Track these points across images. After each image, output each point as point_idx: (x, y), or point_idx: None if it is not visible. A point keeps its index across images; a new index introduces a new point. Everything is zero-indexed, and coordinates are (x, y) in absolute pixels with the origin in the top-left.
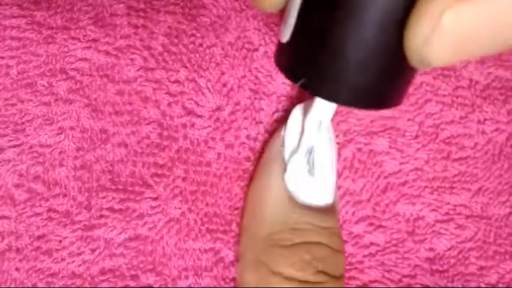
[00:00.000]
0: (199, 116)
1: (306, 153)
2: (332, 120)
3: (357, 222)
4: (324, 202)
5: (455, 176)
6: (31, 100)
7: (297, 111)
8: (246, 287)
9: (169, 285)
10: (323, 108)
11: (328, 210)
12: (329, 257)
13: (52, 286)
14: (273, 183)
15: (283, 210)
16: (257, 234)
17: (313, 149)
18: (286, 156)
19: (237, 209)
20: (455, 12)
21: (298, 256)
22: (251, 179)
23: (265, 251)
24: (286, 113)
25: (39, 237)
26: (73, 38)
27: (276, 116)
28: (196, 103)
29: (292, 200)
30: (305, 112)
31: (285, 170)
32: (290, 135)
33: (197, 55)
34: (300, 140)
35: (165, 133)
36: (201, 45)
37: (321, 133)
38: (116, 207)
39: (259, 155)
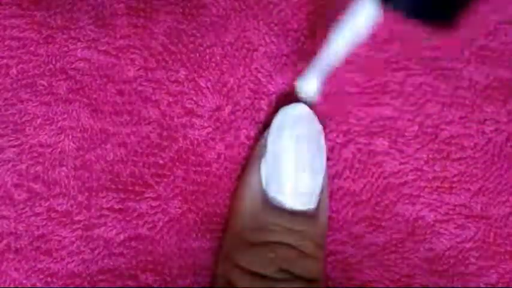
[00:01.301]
0: (199, 116)
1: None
2: (332, 120)
3: (357, 223)
4: (303, 207)
5: (455, 176)
6: (31, 100)
7: (282, 114)
8: (215, 277)
9: (169, 285)
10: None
11: (307, 215)
12: (296, 259)
13: (51, 286)
14: (251, 182)
15: (256, 210)
16: (231, 228)
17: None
18: (266, 158)
19: None
20: None
21: (262, 254)
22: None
23: (234, 246)
24: None
25: (38, 237)
26: (73, 38)
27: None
28: (196, 103)
29: (266, 200)
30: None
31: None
32: (272, 137)
33: (197, 55)
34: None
35: (165, 133)
36: (201, 45)
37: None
38: (116, 206)
39: None
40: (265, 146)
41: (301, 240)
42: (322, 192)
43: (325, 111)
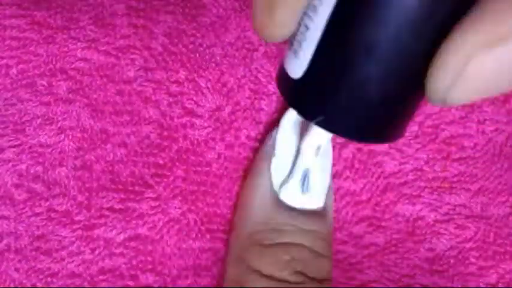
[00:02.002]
0: (199, 116)
1: (301, 177)
2: None
3: (357, 223)
4: (312, 206)
5: (455, 176)
6: (31, 100)
7: (291, 113)
8: (226, 282)
9: (169, 285)
10: (321, 134)
11: (317, 215)
12: (310, 260)
13: (51, 286)
14: (260, 183)
15: (267, 211)
16: (241, 231)
17: (309, 172)
18: (276, 157)
19: None
20: (480, 61)
21: (277, 256)
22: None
23: (247, 249)
24: None
25: (38, 237)
26: (73, 38)
27: (276, 116)
28: (196, 103)
29: (277, 200)
30: (301, 132)
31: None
32: (282, 136)
33: (197, 55)
34: (294, 161)
35: (165, 133)
36: (201, 45)
37: (318, 156)
38: (116, 207)
39: None
40: (273, 146)
41: (314, 240)
42: (328, 190)
43: None
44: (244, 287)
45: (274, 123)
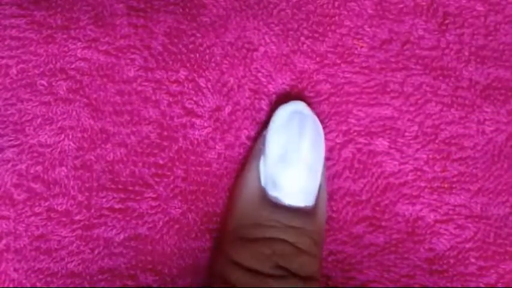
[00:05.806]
0: (199, 116)
1: None
2: (332, 120)
3: (357, 223)
4: (302, 204)
5: (455, 176)
6: (31, 100)
7: (281, 111)
8: (209, 273)
9: (169, 285)
10: None
11: (305, 212)
12: (292, 256)
13: (51, 286)
14: (249, 179)
15: (253, 206)
16: (227, 225)
17: None
18: (266, 155)
19: None
20: None
21: (258, 250)
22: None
23: (229, 242)
24: None
25: (38, 237)
26: (73, 38)
27: None
28: (196, 103)
29: (263, 196)
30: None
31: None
32: (271, 134)
33: (197, 55)
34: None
35: (165, 133)
36: (201, 45)
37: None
38: (116, 206)
39: None
40: (263, 143)
41: (299, 237)
42: (320, 190)
43: (325, 111)
44: (228, 283)
45: None
